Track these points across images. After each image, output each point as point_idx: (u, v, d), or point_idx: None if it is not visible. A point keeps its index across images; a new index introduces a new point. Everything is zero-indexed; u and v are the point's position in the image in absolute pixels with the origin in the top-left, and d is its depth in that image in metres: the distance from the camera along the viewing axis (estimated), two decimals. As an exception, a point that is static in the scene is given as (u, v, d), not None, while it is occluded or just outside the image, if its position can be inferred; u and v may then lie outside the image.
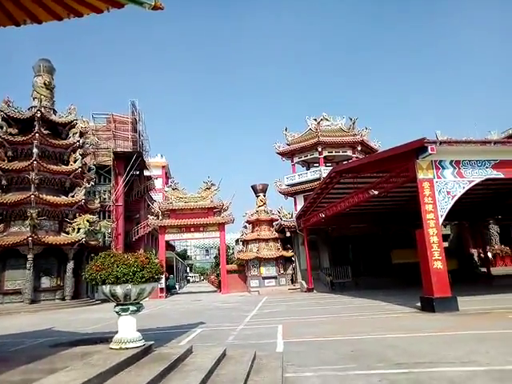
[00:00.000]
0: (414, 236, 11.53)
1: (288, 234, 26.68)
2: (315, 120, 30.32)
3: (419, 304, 11.22)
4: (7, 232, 22.36)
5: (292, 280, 26.62)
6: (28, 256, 21.32)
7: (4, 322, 15.04)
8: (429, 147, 10.61)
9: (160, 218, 27.44)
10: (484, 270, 25.69)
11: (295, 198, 29.93)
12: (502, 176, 11.63)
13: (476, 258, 28.19)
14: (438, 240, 10.77)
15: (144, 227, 31.37)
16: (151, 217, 28.18)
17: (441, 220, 11.05)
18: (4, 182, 22.75)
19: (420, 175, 11.20)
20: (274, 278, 26.10)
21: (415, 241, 11.50)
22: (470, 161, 11.47)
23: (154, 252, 7.29)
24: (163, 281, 24.90)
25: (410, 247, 19.58)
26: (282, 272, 26.47)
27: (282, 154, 30.84)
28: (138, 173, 34.37)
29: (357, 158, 28.62)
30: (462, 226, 28.85)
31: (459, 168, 11.40)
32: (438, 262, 10.57)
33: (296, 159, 30.76)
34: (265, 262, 26.14)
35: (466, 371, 4.77)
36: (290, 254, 26.46)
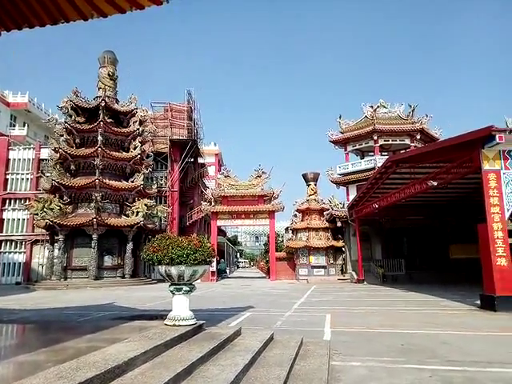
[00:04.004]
0: (476, 230, 10.84)
1: (339, 224, 26.23)
2: (371, 107, 29.20)
3: (478, 302, 10.60)
4: (75, 213, 24.29)
5: (342, 270, 26.27)
6: (93, 236, 23.07)
7: (72, 295, 16.51)
8: (497, 136, 9.87)
9: (212, 204, 28.22)
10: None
11: (347, 188, 29.27)
12: None
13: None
14: (502, 235, 10.05)
15: (197, 212, 32.46)
16: (204, 203, 29.07)
17: (507, 214, 10.28)
18: (72, 167, 24.65)
19: (485, 166, 10.48)
20: (323, 267, 25.89)
21: (476, 235, 10.82)
22: (543, 150, 10.49)
23: (206, 236, 7.57)
24: (214, 264, 25.73)
25: (470, 242, 18.46)
26: (331, 262, 26.18)
27: (335, 143, 30.15)
28: (192, 160, 35.44)
29: (415, 146, 27.26)
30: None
31: (532, 158, 10.48)
32: (501, 259, 9.88)
33: (350, 148, 29.92)
34: (314, 251, 25.99)
35: (527, 375, 4.48)
36: (340, 244, 26.06)
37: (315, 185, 28.40)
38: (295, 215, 29.08)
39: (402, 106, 29.46)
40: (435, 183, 13.70)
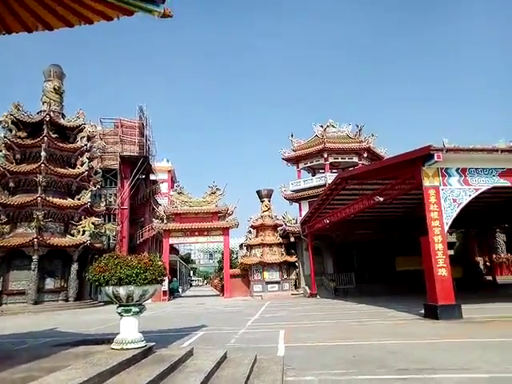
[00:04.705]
0: (419, 243, 11.47)
1: (292, 240, 26.65)
2: (321, 126, 30.43)
3: (423, 311, 11.13)
4: (13, 233, 22.55)
5: (295, 285, 26.55)
6: (33, 257, 21.48)
7: (8, 322, 15.14)
8: (435, 155, 10.59)
9: (165, 221, 27.54)
10: (489, 278, 25.42)
11: (300, 204, 29.96)
12: (508, 184, 11.55)
13: (482, 267, 27.90)
14: (442, 247, 10.70)
15: (148, 231, 31.48)
16: (156, 220, 28.29)
17: (446, 227, 10.98)
18: (11, 184, 22.99)
19: (426, 182, 11.17)
20: (277, 282, 26.03)
21: (420, 248, 11.43)
22: (476, 169, 11.41)
23: (157, 255, 7.34)
24: (166, 283, 24.93)
25: (414, 254, 19.49)
26: (285, 277, 26.39)
27: (288, 160, 30.92)
28: (143, 177, 34.54)
29: (363, 164, 28.61)
30: (469, 234, 28.61)
31: (465, 176, 11.34)
32: (442, 270, 10.50)
33: (301, 165, 30.82)
34: (268, 267, 26.09)
35: (468, 378, 4.75)
36: (293, 259, 26.40)
37: (269, 201, 28.74)
38: (249, 231, 29.13)
39: (350, 125, 30.98)
40: (382, 199, 14.39)
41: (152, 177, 37.19)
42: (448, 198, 11.12)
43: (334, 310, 14.55)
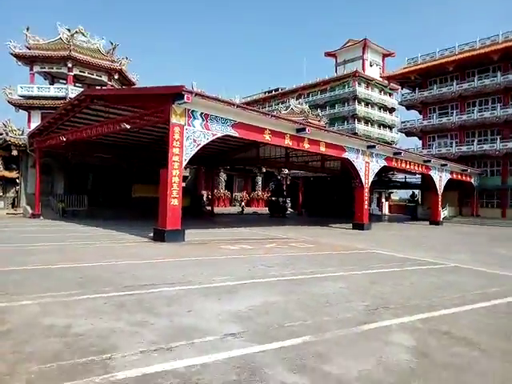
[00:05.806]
0: (158, 174, 12.18)
1: (15, 153, 22.59)
2: (68, 30, 26.23)
3: (152, 235, 12.15)
4: None
5: (13, 204, 23.09)
6: None
7: None
8: (185, 95, 11.21)
9: None
10: (209, 208, 30.36)
11: (30, 113, 25.65)
12: (237, 134, 13.75)
13: (205, 198, 32.86)
14: (178, 180, 11.82)
15: None
16: None
17: (184, 163, 12.10)
18: None
19: (173, 119, 11.73)
20: (-11, 200, 21.81)
21: (157, 178, 12.16)
22: (216, 116, 12.85)
23: None
24: None
25: (151, 183, 20.64)
26: (0, 194, 22.42)
27: (19, 57, 25.28)
28: None
29: (112, 86, 27.02)
30: (200, 171, 32.76)
31: (207, 121, 12.63)
32: (174, 200, 11.67)
33: (37, 68, 26.03)
34: (-25, 183, 21.32)
35: (182, 290, 5.66)
36: (14, 174, 22.70)
37: (-14, 101, 22.87)
38: None
39: (103, 40, 28.11)
40: (128, 126, 14.19)
41: None
42: (190, 137, 12.16)
43: (59, 232, 13.71)
